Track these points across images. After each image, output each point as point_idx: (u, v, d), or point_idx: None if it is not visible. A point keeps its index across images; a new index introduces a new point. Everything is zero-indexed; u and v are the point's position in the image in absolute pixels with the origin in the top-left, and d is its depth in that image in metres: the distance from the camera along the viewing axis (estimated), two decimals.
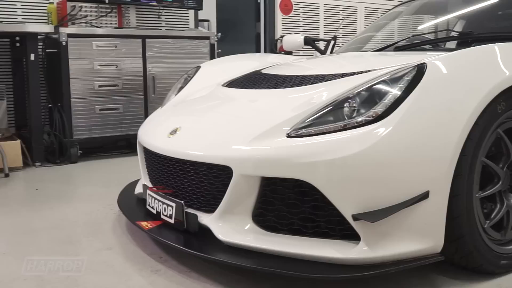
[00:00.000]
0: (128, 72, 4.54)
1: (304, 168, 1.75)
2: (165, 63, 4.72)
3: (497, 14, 3.36)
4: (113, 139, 4.61)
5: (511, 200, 2.05)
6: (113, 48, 4.44)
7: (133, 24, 5.08)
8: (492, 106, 1.88)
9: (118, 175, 3.67)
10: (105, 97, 4.45)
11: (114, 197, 2.72)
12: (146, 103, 4.63)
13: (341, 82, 2.11)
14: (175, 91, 2.99)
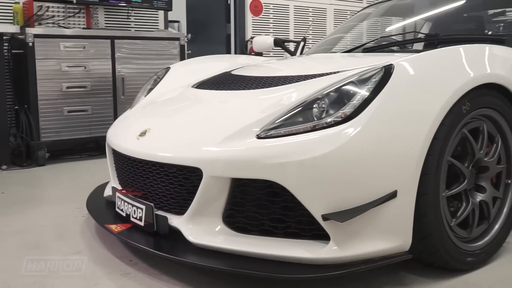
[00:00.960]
0: (96, 73, 4.48)
1: (274, 169, 1.76)
2: (134, 64, 4.67)
3: (463, 17, 3.44)
4: (81, 141, 4.55)
5: (476, 199, 2.09)
6: (81, 49, 4.38)
7: (101, 24, 5.02)
8: (458, 107, 1.91)
9: (87, 178, 3.62)
10: (73, 98, 4.39)
11: (82, 200, 2.68)
12: (116, 104, 4.58)
13: (311, 83, 2.12)
14: (144, 92, 2.96)
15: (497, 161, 2.15)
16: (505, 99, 2.15)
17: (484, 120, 2.08)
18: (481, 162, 2.09)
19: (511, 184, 2.22)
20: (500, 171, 2.18)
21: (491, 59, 2.16)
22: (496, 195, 2.17)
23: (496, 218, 2.18)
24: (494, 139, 2.14)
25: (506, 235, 2.22)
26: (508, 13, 3.20)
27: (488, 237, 2.14)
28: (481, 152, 2.07)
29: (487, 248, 2.12)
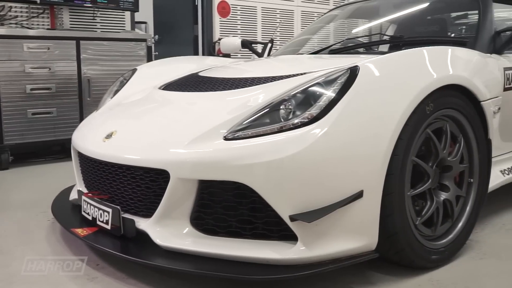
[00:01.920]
0: (62, 74, 4.41)
1: (241, 170, 1.76)
2: (100, 66, 4.61)
3: (427, 19, 3.50)
4: (46, 144, 4.46)
5: (440, 197, 2.14)
6: (46, 50, 4.30)
7: (66, 25, 4.94)
8: (421, 107, 1.95)
9: (52, 181, 3.55)
10: (37, 100, 4.30)
11: (48, 204, 2.63)
12: (81, 106, 4.51)
13: (278, 85, 2.13)
14: (110, 94, 2.93)
15: (459, 160, 2.20)
16: (467, 100, 2.20)
17: (447, 121, 2.13)
18: (444, 162, 2.14)
19: (473, 183, 2.27)
20: (462, 170, 2.23)
21: (453, 60, 2.21)
22: (459, 194, 2.22)
23: (460, 216, 2.23)
24: (457, 139, 2.19)
25: (469, 233, 2.28)
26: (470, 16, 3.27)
27: (452, 235, 2.18)
28: (444, 151, 2.11)
29: (451, 246, 2.16)
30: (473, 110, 2.23)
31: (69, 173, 2.67)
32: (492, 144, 2.33)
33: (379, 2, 3.66)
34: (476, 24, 2.81)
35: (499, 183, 2.57)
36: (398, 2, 3.53)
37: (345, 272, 2.03)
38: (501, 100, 2.46)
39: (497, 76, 2.49)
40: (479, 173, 2.28)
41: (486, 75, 2.39)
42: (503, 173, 2.63)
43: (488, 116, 2.29)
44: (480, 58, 2.44)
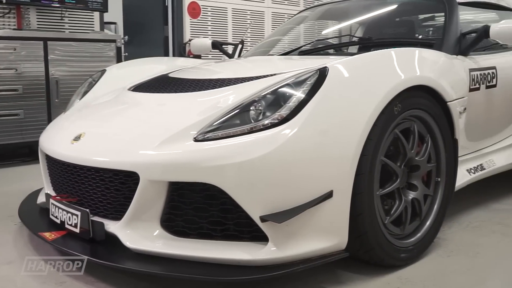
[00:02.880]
0: (29, 76, 4.33)
1: (211, 172, 1.75)
2: (69, 67, 4.55)
3: (395, 21, 3.56)
4: (13, 146, 4.37)
5: (408, 196, 2.17)
6: (12, 50, 4.22)
7: (33, 25, 4.85)
8: (389, 108, 1.98)
9: (20, 185, 3.49)
10: (3, 102, 4.21)
11: (15, 207, 2.58)
12: (49, 108, 4.44)
13: (248, 86, 2.13)
14: (79, 95, 2.89)
15: (427, 160, 2.23)
16: (433, 100, 2.24)
17: (414, 121, 2.16)
18: (412, 161, 2.17)
19: (440, 182, 2.31)
20: (430, 169, 2.27)
21: (420, 62, 2.25)
22: (427, 193, 2.26)
23: (428, 215, 2.27)
24: (424, 139, 2.23)
25: (436, 231, 2.32)
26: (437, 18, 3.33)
27: (420, 234, 2.22)
28: (412, 151, 2.15)
29: (419, 244, 2.20)
30: (440, 110, 2.27)
31: (37, 176, 2.63)
32: (458, 144, 2.38)
33: (349, 4, 3.69)
34: (443, 26, 2.86)
35: (465, 182, 2.62)
36: (367, 4, 3.57)
37: (316, 271, 2.05)
38: (467, 100, 2.51)
39: (463, 77, 2.54)
40: (446, 172, 2.32)
41: (452, 76, 2.43)
42: (469, 172, 2.69)
43: (455, 116, 2.33)
44: (447, 59, 2.48)
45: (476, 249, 2.34)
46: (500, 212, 2.92)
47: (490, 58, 2.89)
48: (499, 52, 3.08)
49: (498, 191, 3.32)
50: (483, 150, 2.90)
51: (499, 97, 2.87)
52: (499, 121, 3.03)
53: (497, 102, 2.88)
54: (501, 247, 2.38)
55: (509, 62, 3.04)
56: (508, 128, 3.14)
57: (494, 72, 2.80)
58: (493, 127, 2.99)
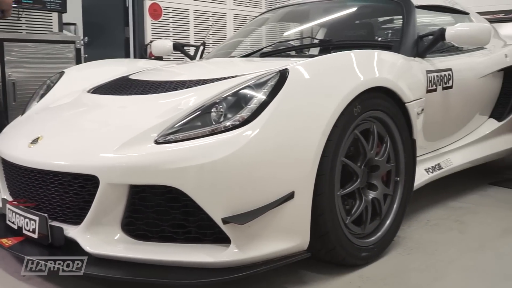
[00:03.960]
0: None
1: (172, 174, 1.74)
2: (26, 69, 4.43)
3: (354, 23, 3.61)
4: None
5: (368, 196, 2.20)
6: None
7: None
8: (349, 109, 2.00)
9: None
10: None
11: None
12: (6, 111, 4.31)
13: (209, 88, 2.13)
14: (37, 98, 2.82)
15: (386, 160, 2.27)
16: (392, 101, 2.28)
17: (374, 122, 2.20)
18: (372, 162, 2.21)
19: (399, 181, 2.35)
20: (389, 169, 2.31)
21: (379, 64, 2.29)
22: (387, 192, 2.30)
23: (387, 214, 2.31)
24: (384, 139, 2.27)
25: (396, 230, 2.36)
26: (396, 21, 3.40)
27: (381, 232, 2.26)
28: (372, 152, 2.18)
29: (380, 243, 2.24)
30: (398, 111, 2.31)
31: None
32: (416, 144, 2.43)
33: (309, 6, 3.73)
34: (401, 29, 2.92)
35: (424, 181, 2.68)
36: (327, 6, 3.61)
37: (279, 272, 2.06)
38: (424, 101, 2.57)
39: (420, 78, 2.60)
40: (405, 172, 2.37)
41: (410, 78, 2.48)
42: (427, 172, 2.75)
43: (412, 117, 2.38)
44: (405, 61, 2.53)
45: (435, 246, 2.39)
46: (457, 209, 3.00)
47: (446, 60, 2.97)
48: (455, 54, 3.16)
49: (455, 189, 3.41)
50: (440, 149, 2.98)
51: (455, 98, 2.95)
52: (455, 122, 3.11)
53: (453, 103, 2.95)
54: (458, 243, 2.45)
55: (465, 64, 3.12)
56: (464, 128, 3.23)
57: (450, 74, 2.88)
58: (450, 127, 3.07)
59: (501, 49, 3.61)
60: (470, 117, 3.26)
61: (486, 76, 3.29)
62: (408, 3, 3.03)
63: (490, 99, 3.48)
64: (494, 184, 3.63)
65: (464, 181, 3.58)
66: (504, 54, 3.52)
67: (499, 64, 3.45)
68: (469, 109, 3.24)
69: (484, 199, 3.26)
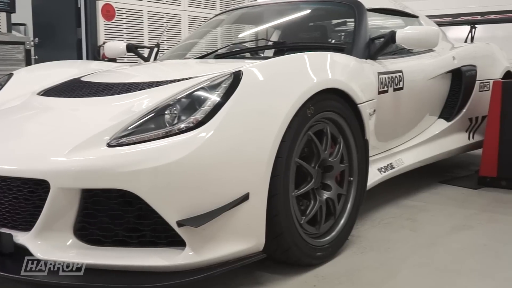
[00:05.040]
0: None
1: (126, 178, 1.72)
2: None
3: (308, 26, 3.65)
4: None
5: (323, 196, 2.23)
6: None
7: None
8: (303, 110, 2.03)
9: None
10: None
11: None
12: None
13: (163, 90, 2.11)
14: None
15: (340, 160, 2.31)
16: (345, 103, 2.32)
17: (327, 123, 2.23)
18: (326, 162, 2.24)
19: (353, 181, 2.40)
20: (343, 169, 2.35)
21: (332, 65, 2.33)
22: (341, 192, 2.34)
23: (342, 214, 2.34)
24: (337, 140, 2.30)
25: (350, 229, 2.40)
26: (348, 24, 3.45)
27: (335, 232, 2.29)
28: (325, 152, 2.21)
29: (335, 242, 2.27)
30: (351, 112, 2.35)
31: None
32: (369, 144, 2.48)
33: (264, 9, 3.75)
34: (353, 31, 2.97)
35: (376, 180, 2.74)
36: (281, 9, 3.64)
37: (235, 274, 2.06)
38: (376, 102, 2.62)
39: (372, 80, 2.65)
40: (358, 172, 2.41)
41: (362, 79, 2.53)
42: (380, 171, 2.81)
43: (365, 118, 2.43)
44: (357, 63, 2.58)
45: (388, 245, 2.45)
46: (409, 208, 3.08)
47: (397, 62, 3.04)
48: (405, 56, 3.25)
49: (407, 188, 3.49)
50: (392, 149, 3.05)
51: (406, 99, 3.02)
52: (406, 122, 3.19)
53: (404, 104, 3.03)
54: (410, 241, 2.51)
55: (415, 66, 3.21)
56: (415, 129, 3.32)
57: (401, 76, 2.95)
58: (401, 128, 3.15)
59: (449, 51, 3.73)
60: (420, 118, 3.35)
61: (435, 78, 3.39)
62: (360, 6, 3.09)
63: (439, 100, 3.59)
64: (444, 183, 3.74)
65: (415, 180, 3.68)
66: (452, 57, 3.63)
67: (447, 66, 3.56)
68: (420, 109, 3.33)
69: (435, 197, 3.35)
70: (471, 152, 4.18)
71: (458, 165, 4.41)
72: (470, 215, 2.94)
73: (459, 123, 3.72)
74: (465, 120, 3.79)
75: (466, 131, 3.87)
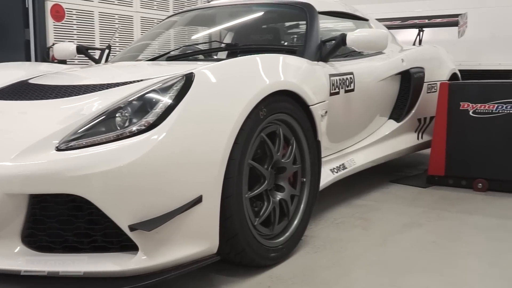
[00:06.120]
0: None
1: (76, 182, 1.68)
2: None
3: (261, 28, 3.67)
4: None
5: (276, 198, 2.25)
6: None
7: None
8: (255, 112, 2.04)
9: None
10: None
11: None
12: None
13: (113, 92, 2.08)
14: None
15: (293, 161, 2.33)
16: (297, 104, 2.34)
17: (280, 124, 2.25)
18: (279, 163, 2.25)
19: (306, 182, 2.42)
20: (296, 170, 2.38)
21: (284, 68, 2.35)
22: (294, 193, 2.36)
23: (295, 215, 2.37)
24: (289, 141, 2.33)
25: (304, 229, 2.43)
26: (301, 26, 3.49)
27: (289, 233, 2.31)
28: (278, 154, 2.23)
29: (288, 243, 2.29)
30: (303, 114, 2.38)
31: None
32: (321, 145, 2.52)
33: (217, 11, 3.75)
34: (304, 34, 3.01)
35: (329, 181, 2.78)
36: (234, 11, 3.65)
37: (190, 277, 2.05)
38: (328, 104, 2.66)
39: (324, 82, 2.69)
40: (310, 172, 2.44)
41: (314, 81, 2.57)
42: (332, 172, 2.85)
43: (317, 119, 2.46)
44: (309, 65, 2.62)
45: (341, 244, 2.48)
46: (361, 207, 3.13)
47: (348, 64, 3.10)
48: (356, 59, 3.31)
49: (359, 188, 3.56)
50: (344, 150, 3.10)
51: (357, 100, 3.08)
52: (357, 123, 3.26)
53: (356, 105, 3.09)
54: (362, 240, 2.56)
55: (365, 68, 3.28)
56: (366, 129, 3.39)
57: (352, 77, 3.00)
58: (353, 129, 3.20)
59: (398, 54, 3.83)
60: (371, 119, 3.42)
61: (385, 80, 3.47)
62: (311, 9, 3.13)
63: (389, 101, 3.68)
64: (394, 182, 3.84)
65: (367, 179, 3.75)
66: (401, 59, 3.73)
67: (396, 68, 3.65)
68: (370, 111, 3.40)
69: (386, 196, 3.43)
70: (420, 152, 4.31)
71: (408, 164, 4.53)
72: (420, 213, 3.03)
73: (409, 124, 3.83)
74: (414, 120, 3.90)
75: (415, 131, 3.98)
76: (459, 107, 3.65)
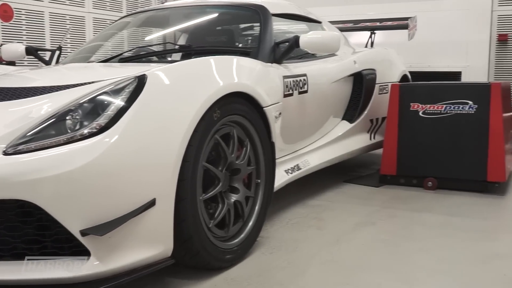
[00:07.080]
0: None
1: (24, 187, 1.64)
2: None
3: (215, 30, 3.66)
4: None
5: (231, 199, 2.25)
6: None
7: None
8: (209, 114, 2.03)
9: None
10: None
11: None
12: None
13: (64, 94, 2.02)
14: None
15: (247, 163, 2.34)
16: (251, 106, 2.35)
17: (234, 126, 2.25)
18: (233, 165, 2.26)
19: (260, 183, 2.44)
20: (250, 172, 2.38)
21: (238, 69, 2.35)
22: (249, 195, 2.37)
23: (250, 216, 2.38)
24: (244, 143, 2.33)
25: (259, 230, 2.44)
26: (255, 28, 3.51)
27: (244, 234, 2.31)
28: (232, 155, 2.23)
29: (244, 245, 2.29)
30: (257, 115, 2.39)
31: None
32: (275, 147, 2.53)
33: (170, 12, 3.71)
34: (258, 35, 3.02)
35: (284, 181, 2.80)
36: (188, 12, 3.63)
37: (145, 281, 2.03)
38: (282, 105, 2.68)
39: (278, 83, 2.71)
40: (265, 174, 2.46)
41: (268, 83, 2.58)
42: (287, 173, 2.88)
43: (271, 121, 2.48)
44: (262, 67, 2.63)
45: (295, 244, 2.51)
46: (315, 207, 3.17)
47: (302, 66, 3.13)
48: (309, 61, 3.35)
49: (313, 188, 3.60)
50: (299, 151, 3.13)
51: (311, 102, 3.12)
52: (311, 124, 3.29)
53: (309, 107, 3.12)
54: (317, 239, 2.59)
55: (318, 70, 3.32)
56: (320, 130, 3.43)
57: (305, 79, 3.04)
58: (307, 130, 3.24)
59: (350, 56, 3.89)
60: (325, 120, 3.47)
61: (338, 81, 3.52)
62: (265, 11, 3.14)
63: (342, 103, 3.74)
64: (348, 182, 3.90)
65: (321, 180, 3.80)
66: (353, 61, 3.80)
67: (349, 69, 3.72)
68: (324, 112, 3.45)
69: (339, 196, 3.48)
70: (373, 152, 4.40)
71: (361, 164, 4.61)
72: (372, 212, 3.09)
73: (361, 125, 3.90)
74: (366, 121, 3.98)
75: (368, 132, 4.06)
76: (409, 108, 3.75)
